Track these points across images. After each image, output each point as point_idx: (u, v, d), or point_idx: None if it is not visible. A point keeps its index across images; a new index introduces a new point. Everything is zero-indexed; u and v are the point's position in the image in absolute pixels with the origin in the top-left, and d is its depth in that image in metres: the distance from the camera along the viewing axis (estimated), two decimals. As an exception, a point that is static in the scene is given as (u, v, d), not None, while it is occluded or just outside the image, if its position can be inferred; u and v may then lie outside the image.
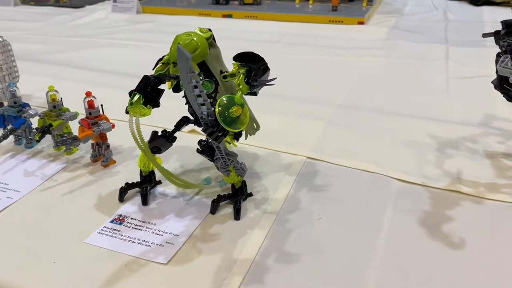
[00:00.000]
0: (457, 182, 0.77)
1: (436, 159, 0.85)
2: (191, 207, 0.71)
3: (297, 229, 0.66)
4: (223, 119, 0.56)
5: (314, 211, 0.70)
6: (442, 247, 0.63)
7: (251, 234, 0.65)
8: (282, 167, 0.82)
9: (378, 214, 0.69)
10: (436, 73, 1.30)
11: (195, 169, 0.83)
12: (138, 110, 0.66)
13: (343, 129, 0.97)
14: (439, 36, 1.67)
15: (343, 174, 0.80)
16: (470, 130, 0.95)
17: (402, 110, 1.06)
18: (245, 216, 0.69)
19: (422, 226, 0.67)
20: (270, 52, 1.56)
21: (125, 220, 0.68)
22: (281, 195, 0.74)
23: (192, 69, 0.52)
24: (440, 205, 0.71)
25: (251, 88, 0.62)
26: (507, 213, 0.69)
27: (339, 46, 1.58)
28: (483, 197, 0.73)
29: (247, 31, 1.83)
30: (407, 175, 0.79)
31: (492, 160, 0.83)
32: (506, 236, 0.64)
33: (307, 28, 1.85)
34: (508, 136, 0.91)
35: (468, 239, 0.64)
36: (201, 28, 0.65)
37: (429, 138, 0.92)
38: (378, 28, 1.81)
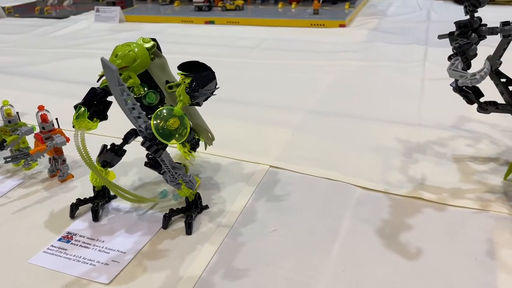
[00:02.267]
0: (419, 188, 0.74)
1: (402, 164, 0.82)
2: (143, 222, 0.69)
3: (249, 243, 0.64)
4: (159, 132, 0.54)
5: (270, 223, 0.68)
6: (397, 257, 0.60)
7: (201, 250, 0.63)
8: (243, 177, 0.80)
9: (334, 224, 0.67)
10: (411, 75, 1.28)
11: (154, 181, 0.80)
12: (83, 123, 0.64)
13: (310, 136, 0.95)
14: (419, 37, 1.65)
15: (305, 182, 0.78)
16: (440, 133, 0.93)
17: (373, 115, 1.04)
18: (198, 231, 0.67)
19: (379, 236, 0.64)
20: (247, 58, 1.56)
21: (74, 238, 0.66)
22: (237, 206, 0.72)
23: (121, 82, 0.50)
24: (400, 212, 0.69)
25: (191, 99, 0.60)
26: (468, 220, 0.66)
27: (317, 50, 1.57)
28: (445, 204, 0.70)
29: (229, 37, 1.81)
30: (369, 182, 0.77)
31: (459, 164, 0.81)
32: (464, 245, 0.62)
33: (288, 33, 1.83)
34: (478, 139, 0.89)
35: (425, 248, 0.61)
36: (143, 38, 0.63)
37: (396, 143, 0.90)
38: (359, 30, 1.79)
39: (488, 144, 0.87)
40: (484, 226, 0.65)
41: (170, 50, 1.61)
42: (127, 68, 0.59)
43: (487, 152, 0.84)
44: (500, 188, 0.73)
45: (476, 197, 0.71)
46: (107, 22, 2.20)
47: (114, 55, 0.59)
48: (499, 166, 0.79)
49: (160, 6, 2.44)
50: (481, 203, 0.70)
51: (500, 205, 0.69)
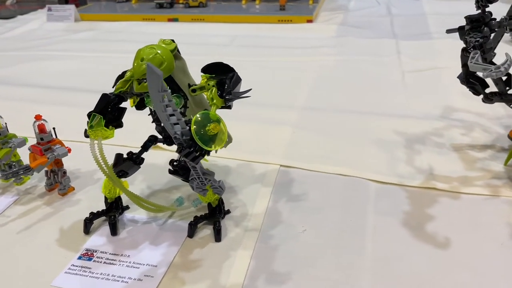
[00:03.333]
0: (431, 178, 0.77)
1: (406, 156, 0.85)
2: (166, 232, 0.66)
3: (282, 245, 0.63)
4: (199, 138, 0.52)
5: (297, 223, 0.67)
6: (428, 248, 0.62)
7: (235, 256, 0.61)
8: (257, 178, 0.79)
9: (360, 220, 0.68)
10: (390, 68, 1.31)
11: (164, 188, 0.77)
12: (100, 132, 0.60)
13: (310, 132, 0.95)
14: (387, 31, 1.70)
15: (319, 180, 0.78)
16: (433, 124, 0.96)
17: (363, 108, 1.06)
18: (226, 236, 0.65)
19: (406, 228, 0.66)
20: (223, 55, 1.54)
21: (95, 255, 0.62)
22: (260, 209, 0.71)
23: (164, 88, 0.47)
24: (419, 204, 0.71)
25: (225, 102, 0.58)
26: (484, 206, 0.70)
27: (292, 46, 1.57)
28: (459, 192, 0.73)
29: (196, 35, 1.77)
30: (382, 176, 0.78)
31: (459, 153, 0.85)
32: (486, 231, 0.65)
33: (258, 29, 1.82)
34: (470, 128, 0.93)
35: (451, 237, 0.64)
36: (163, 40, 0.60)
37: (395, 135, 0.93)
38: (327, 25, 1.82)
39: (481, 132, 0.91)
40: (500, 211, 0.68)
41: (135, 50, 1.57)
42: (154, 72, 0.55)
43: (482, 140, 0.89)
44: (503, 174, 0.77)
45: (484, 183, 0.75)
46: (62, 22, 2.08)
47: (140, 59, 0.55)
48: (496, 152, 0.84)
49: (116, 3, 2.34)
50: (491, 189, 0.73)
51: (509, 190, 0.73)
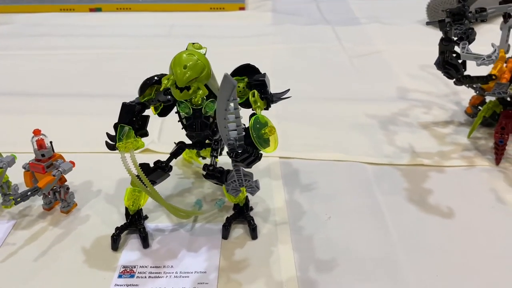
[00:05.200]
0: (415, 156, 0.86)
1: (385, 137, 0.93)
2: (199, 237, 0.66)
3: (315, 234, 0.67)
4: (259, 142, 0.52)
5: (320, 212, 0.71)
6: (436, 218, 0.70)
7: (278, 251, 0.63)
8: (263, 172, 0.81)
9: (372, 201, 0.74)
10: (337, 55, 1.39)
11: (175, 193, 0.76)
12: (131, 144, 0.57)
13: (293, 122, 0.98)
14: (318, 17, 1.78)
15: (321, 167, 0.83)
16: (396, 105, 1.06)
17: (330, 95, 1.12)
18: (260, 233, 0.67)
19: (412, 203, 0.74)
20: (166, 47, 1.49)
21: (135, 271, 0.60)
22: (280, 202, 0.73)
23: (234, 96, 0.47)
24: (413, 180, 0.79)
25: (268, 104, 0.59)
26: (467, 176, 0.80)
27: (234, 35, 1.57)
28: (443, 166, 0.83)
29: (124, 26, 1.68)
30: (374, 158, 0.85)
31: (428, 130, 0.95)
32: (477, 197, 0.75)
33: (192, 18, 1.79)
34: (428, 106, 1.05)
35: (452, 207, 0.73)
36: (193, 44, 0.59)
37: (369, 119, 1.00)
38: (260, 13, 1.84)
39: (438, 109, 1.03)
40: (482, 179, 0.79)
41: (62, 45, 1.46)
42: (196, 79, 0.54)
43: (442, 117, 1.00)
44: (471, 146, 0.89)
45: (459, 156, 0.86)
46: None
47: (182, 66, 0.53)
48: (457, 127, 0.96)
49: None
50: (467, 161, 0.84)
51: (481, 159, 0.84)
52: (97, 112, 1.02)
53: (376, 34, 1.57)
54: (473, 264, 0.62)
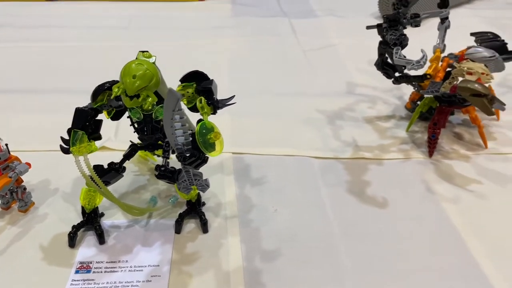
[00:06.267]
0: (357, 149, 0.93)
1: (332, 132, 0.99)
2: (153, 232, 0.70)
3: (262, 226, 0.72)
4: (204, 146, 0.57)
5: (267, 204, 0.77)
6: (373, 208, 0.77)
7: (227, 244, 0.68)
8: (216, 168, 0.85)
9: (316, 194, 0.80)
10: (293, 48, 1.44)
11: (130, 190, 0.79)
12: (84, 148, 0.61)
13: (246, 117, 1.03)
14: (276, 9, 1.81)
15: (271, 162, 0.88)
16: (344, 100, 1.12)
17: (283, 89, 1.17)
18: (211, 227, 0.72)
19: (352, 195, 0.80)
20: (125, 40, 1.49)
21: (92, 266, 0.64)
22: (231, 197, 0.78)
23: (179, 107, 0.51)
24: (355, 172, 0.86)
25: (214, 110, 0.63)
26: (402, 168, 0.87)
27: (191, 28, 1.59)
28: (381, 158, 0.90)
29: (82, 17, 1.66)
30: (320, 152, 0.91)
31: (371, 125, 1.02)
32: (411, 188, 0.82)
33: (151, 8, 1.79)
34: (373, 101, 1.12)
35: (388, 197, 0.80)
36: (143, 53, 0.62)
37: (317, 113, 1.06)
38: (219, 4, 1.86)
39: (382, 104, 1.10)
40: (415, 171, 0.87)
41: (17, 38, 1.44)
42: (145, 88, 0.58)
43: (384, 111, 1.07)
44: (408, 139, 0.96)
45: (397, 149, 0.93)
46: None
47: (132, 76, 0.57)
48: (397, 121, 1.03)
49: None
50: (403, 153, 0.92)
51: (416, 152, 0.92)
52: (54, 109, 1.03)
53: (331, 27, 1.63)
54: (403, 248, 0.70)
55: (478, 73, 0.84)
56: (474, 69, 0.84)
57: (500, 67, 0.90)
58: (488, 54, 0.89)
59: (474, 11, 1.78)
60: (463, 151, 0.92)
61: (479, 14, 1.75)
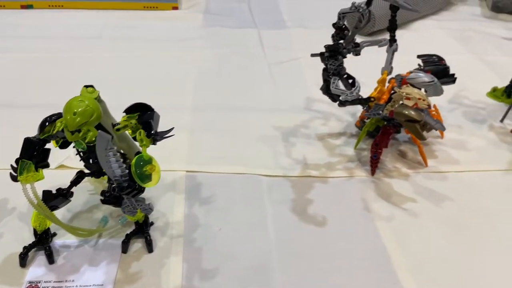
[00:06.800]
0: (306, 167, 0.98)
1: (285, 149, 1.04)
2: (101, 252, 0.75)
3: (205, 245, 0.77)
4: (139, 178, 0.62)
5: (213, 224, 0.82)
6: (311, 226, 0.83)
7: (169, 263, 0.74)
8: (168, 187, 0.90)
9: (261, 212, 0.86)
10: (258, 61, 1.48)
11: (84, 209, 0.84)
12: (31, 177, 0.65)
13: (204, 134, 1.08)
14: (248, 19, 1.85)
15: (222, 181, 0.93)
16: (300, 116, 1.17)
17: (243, 104, 1.22)
18: (156, 246, 0.77)
19: (294, 213, 0.86)
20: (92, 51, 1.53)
21: (40, 285, 0.68)
22: (179, 216, 0.83)
23: (111, 146, 0.56)
24: (300, 191, 0.92)
25: (153, 142, 0.68)
26: (344, 186, 0.93)
27: (162, 38, 1.62)
28: (327, 177, 0.96)
29: (56, 26, 1.69)
30: (270, 170, 0.97)
31: (323, 142, 1.07)
32: (348, 206, 0.88)
33: (125, 17, 1.81)
34: (327, 118, 1.17)
35: (327, 215, 0.85)
36: (86, 88, 0.66)
37: (273, 130, 1.11)
38: (193, 13, 1.89)
39: (335, 121, 1.16)
40: (355, 189, 0.92)
41: None
42: (86, 123, 0.62)
43: (337, 128, 1.13)
44: (355, 157, 1.02)
45: (343, 167, 0.99)
46: None
47: (72, 112, 0.61)
48: (348, 138, 1.09)
49: None
50: (348, 171, 0.97)
51: (360, 170, 0.98)
52: (16, 124, 1.06)
53: (299, 39, 1.67)
54: (335, 265, 0.75)
55: (415, 98, 0.89)
56: (412, 95, 0.90)
57: (438, 92, 0.96)
58: (427, 79, 0.95)
59: (440, 23, 1.84)
60: (404, 170, 0.98)
61: (445, 26, 1.81)
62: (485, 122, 1.15)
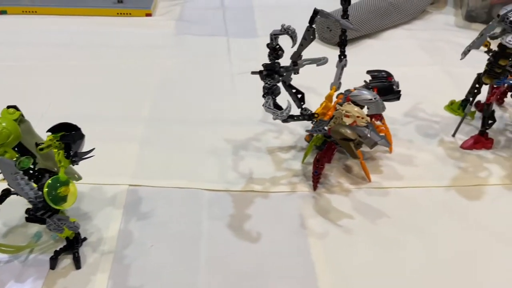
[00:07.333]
0: (250, 182, 0.99)
1: (233, 163, 1.05)
2: (29, 268, 0.76)
3: (134, 262, 0.79)
4: (52, 200, 0.63)
5: (146, 240, 0.83)
6: (246, 243, 0.84)
7: (95, 280, 0.75)
8: (108, 201, 0.91)
9: (197, 227, 0.87)
10: (223, 71, 1.49)
11: (20, 224, 0.85)
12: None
13: (155, 147, 1.09)
14: (220, 27, 1.86)
15: (163, 195, 0.94)
16: (254, 129, 1.18)
17: (201, 116, 1.22)
18: (86, 263, 0.78)
19: (230, 229, 0.87)
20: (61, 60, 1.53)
21: (-37, 302, 0.70)
22: (113, 231, 0.84)
23: (16, 170, 0.57)
24: (240, 206, 0.93)
25: (72, 163, 0.69)
26: (285, 202, 0.93)
27: (132, 46, 1.63)
28: (268, 191, 0.97)
29: (28, 32, 1.70)
30: (213, 184, 0.98)
31: (272, 156, 1.09)
32: (285, 221, 0.89)
33: (98, 24, 1.81)
34: (280, 131, 1.18)
35: (262, 230, 0.86)
36: (7, 110, 0.68)
37: (225, 143, 1.12)
38: (166, 21, 1.90)
39: (288, 134, 1.17)
40: (295, 204, 0.93)
41: None
42: (2, 145, 0.64)
43: (288, 141, 1.14)
44: (300, 171, 1.03)
45: (287, 182, 1.00)
46: None
47: (-12, 137, 0.62)
48: (297, 152, 1.10)
49: None
50: (291, 186, 0.98)
51: (303, 185, 0.99)
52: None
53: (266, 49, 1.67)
54: (260, 283, 0.77)
55: (354, 116, 0.90)
56: (351, 112, 0.91)
57: (380, 109, 0.96)
58: (369, 97, 0.95)
59: (411, 32, 1.84)
60: (347, 185, 0.99)
61: (416, 35, 1.81)
62: (437, 137, 1.16)
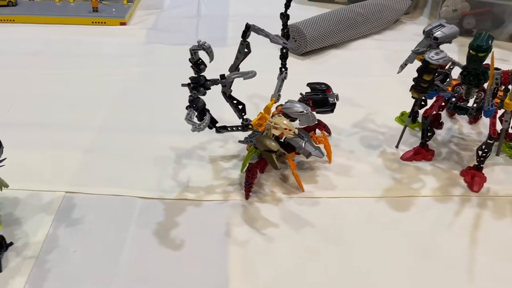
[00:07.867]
0: (185, 190, 1.02)
1: (174, 171, 1.08)
2: (-48, 271, 0.79)
3: (55, 268, 0.81)
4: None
5: (70, 246, 0.86)
6: (168, 251, 0.86)
7: (13, 284, 0.78)
8: (42, 207, 0.94)
9: (122, 235, 0.89)
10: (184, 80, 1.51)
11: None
12: None
13: (99, 155, 1.12)
14: (190, 36, 1.88)
15: (97, 203, 0.97)
16: (202, 138, 1.19)
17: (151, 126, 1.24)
18: (7, 267, 0.81)
19: (155, 237, 0.89)
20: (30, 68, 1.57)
21: None
22: (40, 237, 0.87)
23: None
24: (171, 214, 0.95)
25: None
26: (216, 211, 0.95)
27: (101, 54, 1.67)
28: (201, 200, 0.99)
29: (5, 41, 1.75)
30: (148, 192, 1.00)
31: (213, 165, 1.11)
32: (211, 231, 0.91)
33: (71, 32, 1.84)
34: (226, 140, 1.20)
35: (186, 239, 0.89)
36: None
37: (170, 151, 1.14)
38: (138, 30, 1.93)
39: (232, 143, 1.18)
40: (224, 213, 0.96)
41: None
42: None
43: (232, 150, 1.16)
44: (237, 180, 1.05)
45: (222, 190, 1.02)
46: None
47: None
48: (239, 161, 1.12)
49: None
50: (224, 195, 1.01)
51: (236, 194, 1.01)
52: None
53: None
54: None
55: (281, 128, 0.93)
56: (279, 124, 0.94)
57: (310, 121, 0.99)
58: (300, 109, 0.98)
59: (380, 43, 1.86)
60: (279, 194, 1.01)
61: (384, 46, 1.83)
62: (379, 148, 1.18)
